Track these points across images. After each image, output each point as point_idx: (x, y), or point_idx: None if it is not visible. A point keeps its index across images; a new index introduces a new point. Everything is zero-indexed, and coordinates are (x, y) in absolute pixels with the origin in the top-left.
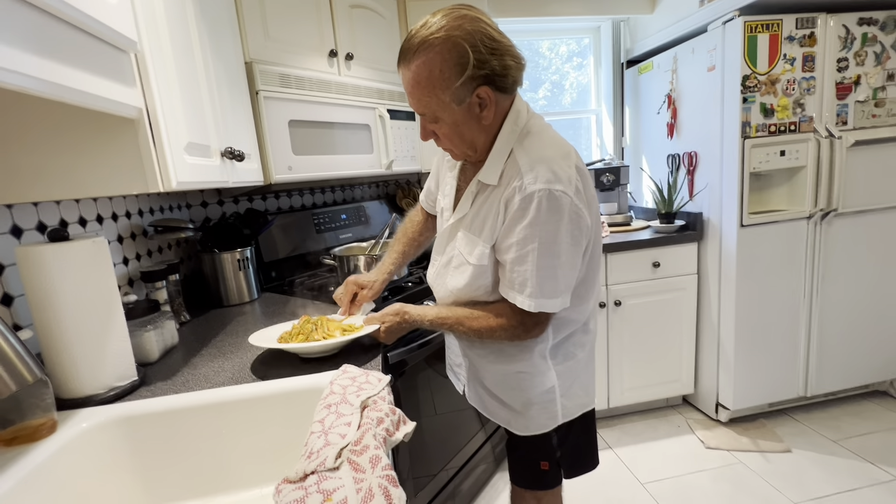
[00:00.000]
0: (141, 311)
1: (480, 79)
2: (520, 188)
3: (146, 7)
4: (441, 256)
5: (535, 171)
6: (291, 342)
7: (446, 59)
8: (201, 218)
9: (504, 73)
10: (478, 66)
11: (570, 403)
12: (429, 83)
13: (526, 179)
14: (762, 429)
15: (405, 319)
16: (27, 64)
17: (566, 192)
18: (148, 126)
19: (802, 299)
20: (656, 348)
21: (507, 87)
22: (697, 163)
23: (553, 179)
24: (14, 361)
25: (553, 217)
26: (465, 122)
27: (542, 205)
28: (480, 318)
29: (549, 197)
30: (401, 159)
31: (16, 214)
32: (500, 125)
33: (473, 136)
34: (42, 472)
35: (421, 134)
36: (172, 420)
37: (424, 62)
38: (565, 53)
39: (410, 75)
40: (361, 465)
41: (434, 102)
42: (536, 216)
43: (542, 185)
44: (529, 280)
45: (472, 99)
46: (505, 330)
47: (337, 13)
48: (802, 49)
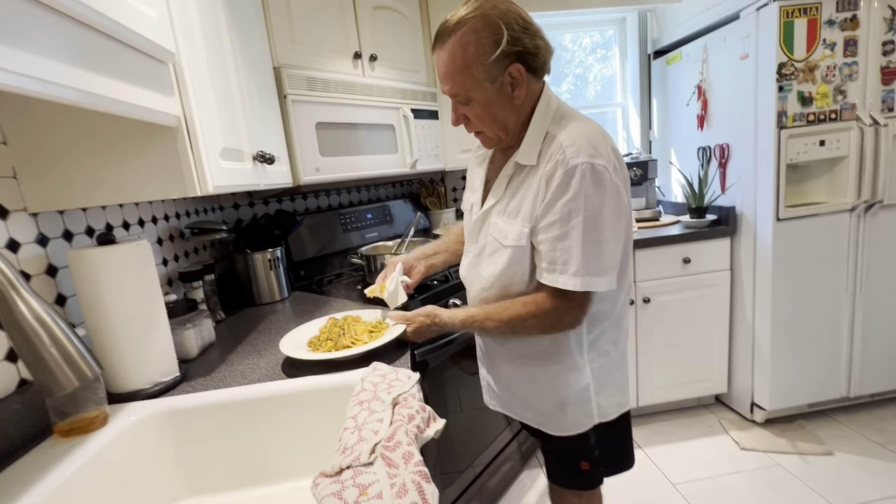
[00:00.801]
0: (180, 310)
1: (513, 56)
2: (562, 162)
3: (182, 19)
4: (474, 246)
5: (576, 145)
6: (321, 349)
7: (481, 36)
8: (233, 220)
9: (535, 52)
10: (511, 43)
11: (606, 402)
12: (464, 61)
13: (568, 153)
14: (801, 430)
15: (435, 322)
16: (72, 77)
17: (607, 167)
18: (186, 133)
19: (845, 295)
20: (687, 347)
21: (538, 68)
22: (730, 155)
23: (595, 154)
24: (76, 358)
25: (597, 190)
26: (497, 102)
27: (585, 178)
28: (511, 307)
29: (593, 171)
30: (424, 158)
31: (67, 220)
32: (532, 109)
33: (505, 117)
34: (97, 460)
35: (452, 118)
36: (212, 414)
37: (460, 40)
38: (589, 45)
39: (445, 55)
40: (394, 460)
41: (468, 81)
42: (580, 189)
43: (585, 159)
44: (574, 257)
45: (505, 77)
46: (537, 317)
47: (361, 15)
48: (844, 33)
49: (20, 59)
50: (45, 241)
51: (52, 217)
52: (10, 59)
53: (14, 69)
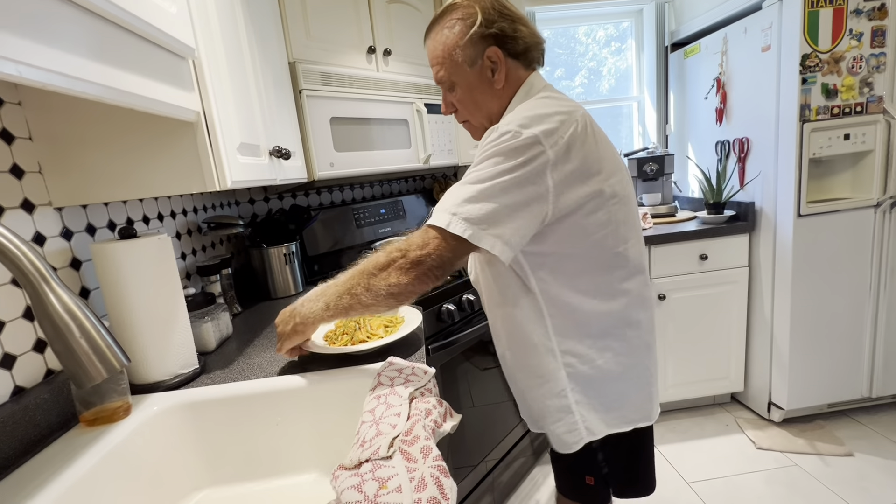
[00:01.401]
0: (199, 303)
1: (490, 38)
2: (494, 129)
3: (201, 14)
4: None
5: (520, 114)
6: (338, 343)
7: (457, 20)
8: (248, 214)
9: (514, 35)
10: (485, 25)
11: (594, 417)
12: (444, 45)
13: (503, 122)
14: (820, 430)
15: (296, 322)
16: (95, 72)
17: (541, 139)
18: (205, 128)
19: (868, 293)
20: (703, 344)
21: (520, 52)
22: (749, 149)
23: (527, 124)
24: (104, 350)
25: (514, 155)
26: (478, 87)
27: (506, 143)
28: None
29: (515, 136)
30: (438, 153)
31: (90, 214)
32: (514, 95)
33: (487, 103)
34: (120, 450)
35: (442, 107)
36: (231, 406)
37: (441, 26)
38: (603, 38)
39: (430, 42)
40: (413, 454)
41: (449, 65)
42: (494, 150)
43: (514, 127)
44: (455, 197)
45: (484, 62)
46: (384, 257)
47: (375, 9)
48: (871, 23)
49: (48, 56)
50: (70, 235)
51: (76, 211)
52: (39, 55)
53: (43, 65)
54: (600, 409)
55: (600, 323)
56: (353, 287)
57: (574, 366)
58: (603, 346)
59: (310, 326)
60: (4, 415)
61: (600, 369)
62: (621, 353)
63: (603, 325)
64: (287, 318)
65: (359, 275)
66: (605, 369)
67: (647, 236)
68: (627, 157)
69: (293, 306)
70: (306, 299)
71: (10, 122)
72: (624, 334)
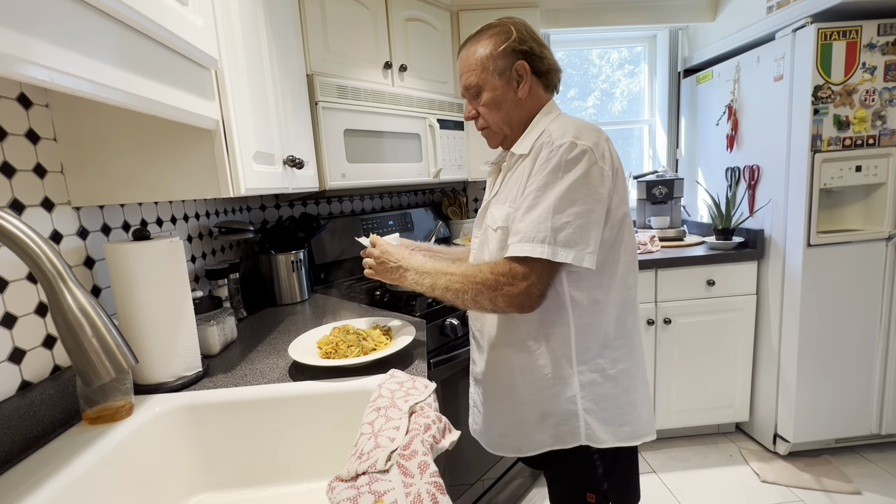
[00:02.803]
0: (205, 306)
1: (519, 53)
2: (547, 143)
3: (226, 27)
4: (476, 240)
5: (562, 129)
6: (350, 354)
7: (494, 35)
8: (259, 220)
9: (541, 55)
10: (518, 41)
11: (599, 427)
12: (480, 55)
13: (554, 135)
14: (827, 466)
15: (388, 253)
16: (122, 80)
17: (591, 149)
18: (223, 136)
19: (878, 327)
20: (708, 371)
21: (543, 72)
22: (760, 177)
23: (579, 136)
24: (113, 349)
25: (577, 165)
26: (503, 94)
27: (565, 154)
28: (464, 265)
29: (573, 147)
30: (448, 168)
31: (106, 214)
32: (535, 111)
33: (510, 111)
34: (121, 449)
35: (465, 112)
36: (232, 411)
37: (479, 39)
38: (616, 61)
39: (466, 53)
40: (410, 469)
41: (480, 72)
42: (559, 164)
43: (570, 139)
44: (542, 224)
45: (512, 73)
46: (492, 273)
47: (393, 26)
48: (885, 57)
49: (79, 63)
50: (86, 234)
51: (93, 211)
52: (71, 62)
53: (74, 72)
54: (613, 421)
55: (617, 322)
56: (461, 291)
57: (587, 374)
58: (617, 356)
59: (405, 279)
60: (9, 409)
61: (614, 380)
62: (632, 364)
63: (618, 333)
64: (394, 259)
65: (470, 283)
66: (618, 380)
67: (654, 259)
68: (637, 179)
69: (401, 254)
70: (415, 263)
71: (37, 124)
72: (631, 338)
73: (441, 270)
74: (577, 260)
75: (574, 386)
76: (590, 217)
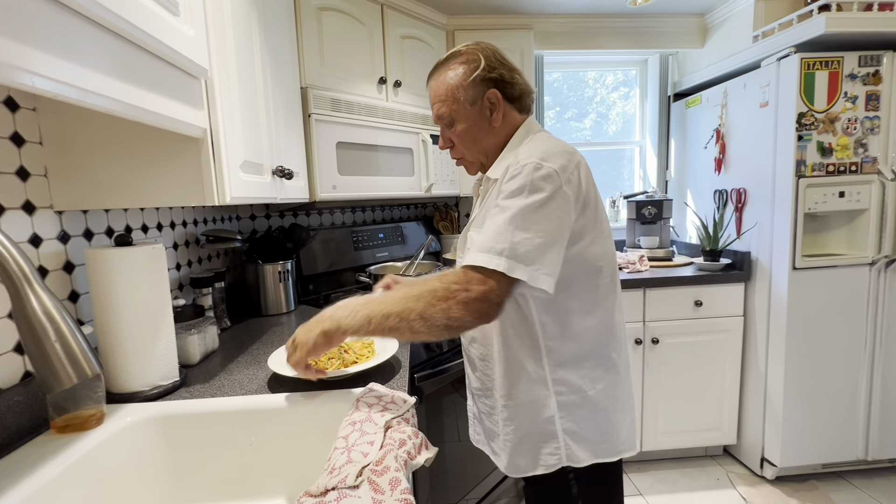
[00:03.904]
0: (187, 315)
1: (490, 82)
2: (513, 164)
3: (218, 38)
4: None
5: (531, 150)
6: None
7: (462, 64)
8: (249, 230)
9: (512, 81)
10: (487, 69)
11: (579, 447)
12: (448, 85)
13: (521, 157)
14: (814, 491)
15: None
16: (109, 87)
17: (557, 171)
18: (210, 145)
19: (863, 352)
20: (696, 393)
21: (515, 97)
22: (746, 200)
23: (546, 157)
24: (77, 355)
25: (541, 188)
26: (477, 123)
27: (529, 175)
28: (413, 286)
29: (537, 168)
30: (440, 183)
31: (89, 219)
32: (510, 135)
33: (485, 140)
34: (88, 459)
35: (440, 143)
36: (206, 423)
37: (447, 67)
38: (612, 83)
39: (434, 82)
40: (381, 486)
41: (452, 102)
42: (523, 185)
43: (535, 159)
44: (501, 236)
45: (484, 102)
46: (441, 284)
47: (389, 43)
48: (866, 87)
49: (61, 69)
50: (67, 239)
51: (76, 216)
52: (52, 67)
53: (54, 77)
54: (591, 439)
55: (592, 342)
56: (404, 311)
57: (565, 394)
58: (595, 376)
59: (340, 336)
60: None
61: (592, 401)
62: (611, 382)
63: (600, 353)
64: (312, 326)
65: (413, 300)
66: (597, 400)
67: (643, 279)
68: (627, 199)
69: (321, 315)
70: (339, 308)
71: (22, 127)
72: (610, 357)
73: (374, 299)
74: (532, 279)
75: (552, 407)
76: (549, 238)
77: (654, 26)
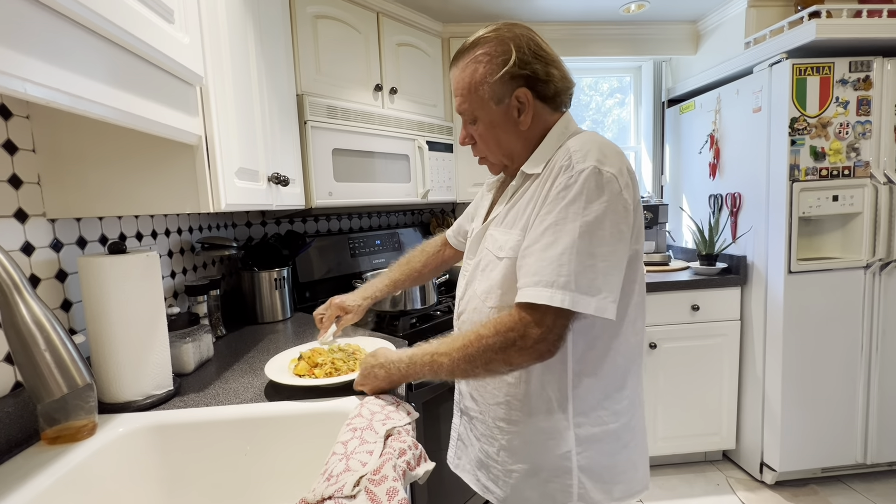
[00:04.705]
0: (182, 323)
1: (521, 79)
2: (566, 167)
3: (213, 45)
4: (471, 263)
5: (584, 150)
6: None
7: (491, 55)
8: (245, 237)
9: (547, 79)
10: (519, 65)
11: (594, 487)
12: (472, 78)
13: (574, 157)
14: (814, 496)
15: (380, 364)
16: (103, 94)
17: (616, 177)
18: (205, 152)
19: (860, 356)
20: (694, 398)
21: (549, 97)
22: (741, 204)
23: (604, 160)
24: (68, 364)
25: (601, 198)
26: (501, 125)
27: (588, 183)
28: (464, 335)
29: (599, 175)
30: (437, 189)
31: (83, 227)
32: (541, 137)
33: (510, 142)
34: (79, 471)
35: (460, 137)
36: (201, 432)
37: (473, 58)
38: (607, 90)
39: (458, 72)
40: (378, 496)
41: (474, 99)
42: (580, 193)
43: (592, 163)
44: (563, 267)
45: (511, 101)
46: (497, 334)
47: (384, 50)
48: (857, 93)
49: (53, 75)
50: (59, 247)
51: (69, 224)
52: (45, 74)
53: (47, 83)
54: (609, 479)
55: (620, 367)
56: (469, 370)
57: (584, 426)
58: (619, 408)
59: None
60: None
61: (613, 434)
62: (633, 413)
63: (621, 371)
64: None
65: (472, 359)
66: (618, 434)
67: None
68: None
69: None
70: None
71: (15, 134)
72: (636, 391)
73: (436, 352)
74: (600, 310)
75: (570, 441)
76: (613, 259)
77: (647, 33)
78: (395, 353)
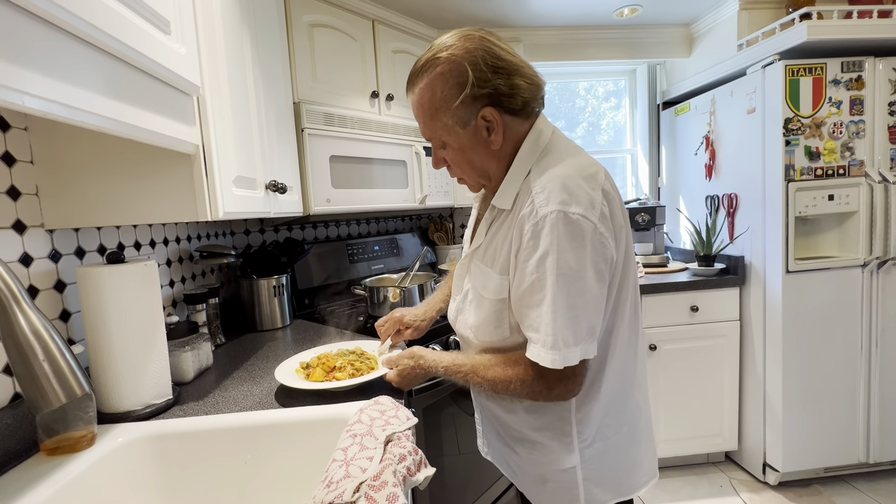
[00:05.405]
0: (181, 332)
1: (484, 99)
2: (530, 214)
3: (210, 55)
4: (459, 293)
5: (546, 191)
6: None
7: (446, 79)
8: (243, 245)
9: (511, 92)
10: (478, 85)
11: (600, 490)
12: (430, 105)
13: (537, 201)
14: (818, 496)
15: (420, 365)
16: (100, 105)
17: (586, 216)
18: (202, 161)
19: (859, 354)
20: (695, 399)
21: (518, 109)
22: (738, 205)
23: (568, 200)
24: (66, 375)
25: (573, 244)
26: (472, 148)
27: (556, 231)
28: (496, 366)
29: (565, 221)
30: (434, 194)
31: (81, 237)
32: (516, 150)
33: (483, 163)
34: (78, 482)
35: (433, 162)
36: (201, 441)
37: (426, 84)
38: (602, 94)
39: (415, 99)
40: (378, 501)
41: (438, 126)
42: (550, 245)
43: (556, 207)
44: (549, 327)
45: (478, 122)
46: (523, 382)
47: (380, 57)
48: (850, 92)
49: (51, 88)
50: (58, 257)
51: (67, 234)
52: (43, 86)
53: (45, 96)
54: (613, 480)
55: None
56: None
57: (588, 444)
58: (619, 421)
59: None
60: None
61: (615, 445)
62: (635, 421)
63: (618, 387)
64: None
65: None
66: (620, 444)
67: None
68: None
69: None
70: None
71: (13, 146)
72: (633, 399)
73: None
74: (585, 354)
75: (574, 458)
76: (595, 301)
77: (641, 37)
78: (430, 358)
